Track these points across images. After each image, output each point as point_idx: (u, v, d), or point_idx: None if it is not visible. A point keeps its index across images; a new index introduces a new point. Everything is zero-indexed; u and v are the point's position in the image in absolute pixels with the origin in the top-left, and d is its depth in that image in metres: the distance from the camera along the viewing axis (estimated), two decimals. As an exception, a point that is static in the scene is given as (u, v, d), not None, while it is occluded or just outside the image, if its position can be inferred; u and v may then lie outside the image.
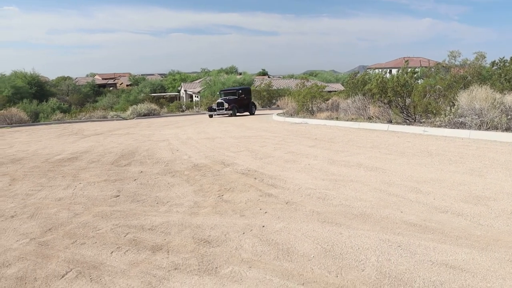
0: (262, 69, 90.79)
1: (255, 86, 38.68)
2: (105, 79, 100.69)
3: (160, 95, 62.20)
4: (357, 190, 7.12)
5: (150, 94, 62.23)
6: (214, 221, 5.93)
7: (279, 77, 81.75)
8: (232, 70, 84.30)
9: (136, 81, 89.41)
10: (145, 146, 14.20)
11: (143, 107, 34.01)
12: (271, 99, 35.88)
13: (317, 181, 7.91)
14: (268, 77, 75.25)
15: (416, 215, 5.70)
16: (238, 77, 61.98)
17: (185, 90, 67.10)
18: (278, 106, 33.76)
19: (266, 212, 6.21)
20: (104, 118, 31.78)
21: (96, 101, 66.15)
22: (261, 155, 11.02)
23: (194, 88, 63.80)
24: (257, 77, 67.59)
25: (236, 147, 12.87)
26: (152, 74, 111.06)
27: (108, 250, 5.02)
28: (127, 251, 4.97)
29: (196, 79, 76.34)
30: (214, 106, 31.48)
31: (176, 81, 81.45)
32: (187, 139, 15.76)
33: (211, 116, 30.67)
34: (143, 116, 32.29)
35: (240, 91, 33.29)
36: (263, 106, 35.43)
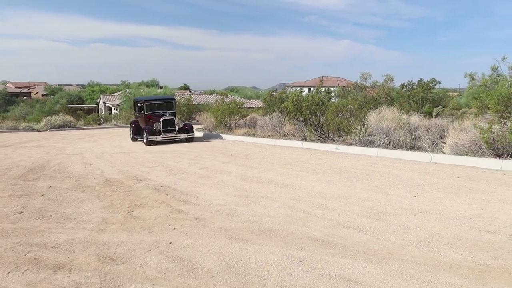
0: (184, 84, 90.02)
1: (175, 101, 38.04)
2: (19, 87, 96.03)
3: (77, 107, 60.13)
4: (266, 206, 7.27)
5: (66, 106, 59.98)
6: (121, 238, 5.85)
7: (200, 92, 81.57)
8: (153, 84, 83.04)
9: (52, 91, 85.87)
10: (57, 159, 13.71)
11: (58, 118, 32.67)
12: (191, 114, 35.59)
13: (228, 197, 8.01)
14: (190, 91, 74.93)
15: (320, 231, 5.91)
16: (159, 90, 61.26)
17: (104, 103, 65.44)
18: (197, 121, 33.35)
19: (174, 229, 6.20)
20: (15, 129, 30.32)
21: (8, 111, 62.68)
22: (175, 171, 10.99)
23: (113, 100, 62.20)
24: (178, 91, 67.00)
25: (151, 162, 12.74)
26: (70, 85, 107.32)
27: (4, 271, 4.81)
28: (26, 270, 4.79)
29: (116, 92, 74.55)
30: (157, 126, 18.80)
31: (95, 92, 79.22)
32: (102, 153, 15.38)
33: (150, 143, 18.59)
34: (58, 128, 31.09)
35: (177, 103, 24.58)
36: (183, 121, 35.09)
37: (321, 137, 16.33)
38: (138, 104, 20.91)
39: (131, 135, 20.70)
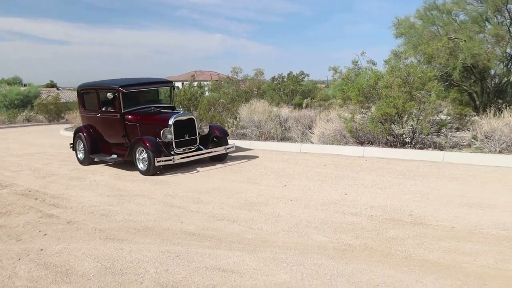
0: (51, 81, 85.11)
1: (41, 99, 35.99)
2: None
3: None
4: (141, 204, 7.25)
5: None
6: (-15, 250, 5.53)
7: (69, 89, 77.81)
8: (15, 81, 77.64)
9: None
10: None
11: None
12: (59, 113, 33.91)
13: (101, 197, 7.85)
14: (57, 89, 71.25)
15: (195, 225, 6.04)
16: (23, 89, 57.51)
17: (-42, 104, 60.21)
18: (67, 120, 31.73)
19: (45, 234, 5.98)
20: None
21: None
22: (44, 174, 10.49)
23: (-31, 101, 57.54)
24: (44, 89, 63.32)
25: (17, 166, 12.01)
26: None
27: None
28: None
29: (-28, 91, 69.00)
30: (167, 134, 9.73)
31: None
32: (-41, 159, 14.19)
33: (156, 170, 9.58)
34: None
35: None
36: (50, 121, 33.33)
37: (196, 132, 16.44)
38: (109, 94, 10.55)
39: (81, 155, 11.73)
